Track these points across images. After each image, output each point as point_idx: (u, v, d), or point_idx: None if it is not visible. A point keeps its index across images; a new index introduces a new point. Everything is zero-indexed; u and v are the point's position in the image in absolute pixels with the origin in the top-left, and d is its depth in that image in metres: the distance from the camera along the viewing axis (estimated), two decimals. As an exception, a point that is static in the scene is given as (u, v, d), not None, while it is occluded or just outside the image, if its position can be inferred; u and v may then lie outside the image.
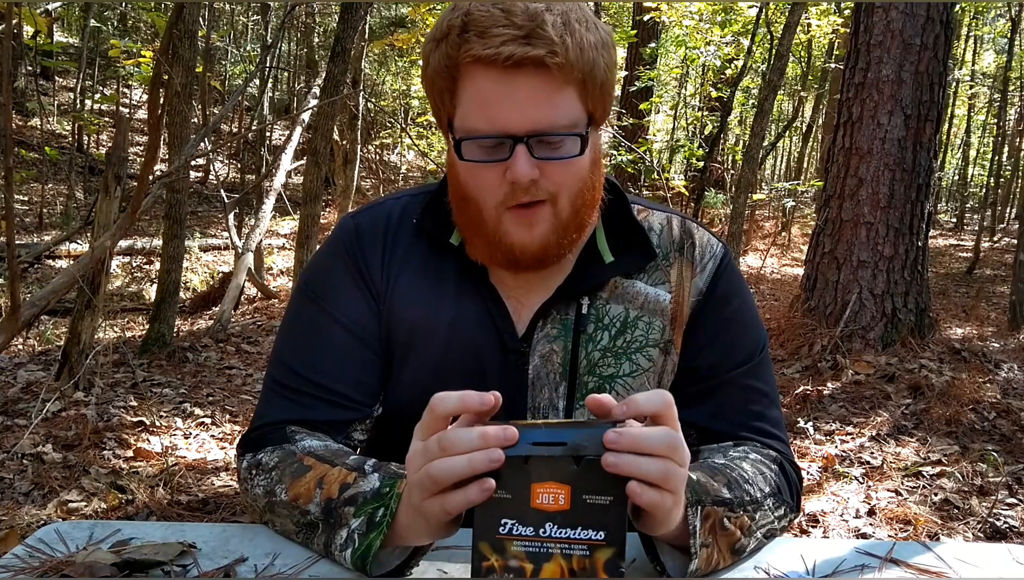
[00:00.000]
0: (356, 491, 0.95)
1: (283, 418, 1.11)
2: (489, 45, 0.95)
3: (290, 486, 1.01)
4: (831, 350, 4.70)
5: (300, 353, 1.14)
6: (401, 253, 1.15)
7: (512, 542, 0.77)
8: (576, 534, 0.77)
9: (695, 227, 1.20)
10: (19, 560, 0.94)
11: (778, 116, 15.81)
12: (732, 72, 8.82)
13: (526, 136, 0.98)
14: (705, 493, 0.94)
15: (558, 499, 0.77)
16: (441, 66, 1.00)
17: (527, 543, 0.77)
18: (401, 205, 1.18)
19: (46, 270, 7.11)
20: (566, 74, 0.97)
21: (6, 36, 2.97)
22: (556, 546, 0.77)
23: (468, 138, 1.00)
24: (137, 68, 7.22)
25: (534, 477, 0.77)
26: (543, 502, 0.77)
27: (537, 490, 0.77)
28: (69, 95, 12.62)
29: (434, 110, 1.08)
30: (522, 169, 0.98)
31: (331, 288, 1.15)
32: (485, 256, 1.08)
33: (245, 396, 4.32)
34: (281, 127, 12.24)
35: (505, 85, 0.97)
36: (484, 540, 0.77)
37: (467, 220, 1.07)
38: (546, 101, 0.98)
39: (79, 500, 2.92)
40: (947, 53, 4.96)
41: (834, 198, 5.05)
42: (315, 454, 1.03)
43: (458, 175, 1.05)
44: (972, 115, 18.78)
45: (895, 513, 3.07)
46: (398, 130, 11.57)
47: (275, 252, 9.11)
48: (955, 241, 13.94)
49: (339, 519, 0.94)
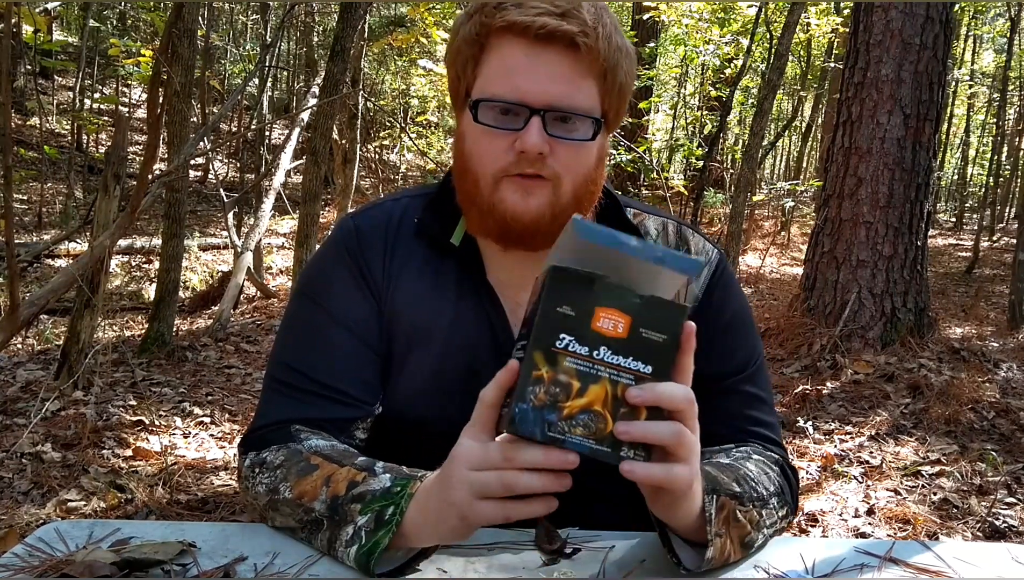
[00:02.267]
0: (365, 489, 0.94)
1: (286, 417, 1.10)
2: (526, 14, 0.98)
3: (295, 484, 1.00)
4: (830, 349, 4.70)
5: (300, 352, 1.13)
6: (402, 254, 1.15)
7: (565, 357, 0.79)
8: (627, 362, 0.80)
9: (690, 233, 1.21)
10: (19, 559, 0.94)
11: (777, 115, 15.81)
12: (731, 71, 8.82)
13: (543, 109, 1.00)
14: (719, 483, 0.95)
15: (617, 327, 0.80)
16: (472, 34, 1.03)
17: (579, 361, 0.79)
18: (402, 206, 1.18)
19: (45, 269, 7.11)
20: (591, 60, 1.00)
21: (5, 35, 2.97)
22: (606, 370, 0.80)
23: (486, 100, 1.02)
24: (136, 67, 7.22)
25: (601, 300, 0.80)
26: (603, 326, 0.80)
27: (600, 313, 0.80)
28: (68, 94, 12.61)
29: (452, 84, 1.09)
30: (533, 140, 0.99)
31: (331, 288, 1.14)
32: (479, 228, 1.09)
33: (244, 395, 4.32)
34: (280, 126, 12.23)
35: (532, 57, 1.00)
36: (539, 350, 0.79)
37: (464, 193, 1.08)
38: (568, 80, 1.00)
39: (78, 499, 2.92)
40: (946, 53, 4.96)
41: (833, 197, 5.05)
42: (322, 453, 1.03)
43: (464, 144, 1.06)
44: (971, 114, 18.78)
45: (894, 512, 3.07)
46: (397, 129, 11.56)
47: (274, 251, 9.10)
48: (954, 241, 13.94)
49: (345, 516, 0.94)
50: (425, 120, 12.06)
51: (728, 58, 8.86)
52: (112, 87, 12.78)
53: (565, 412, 0.78)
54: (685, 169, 12.51)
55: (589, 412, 0.78)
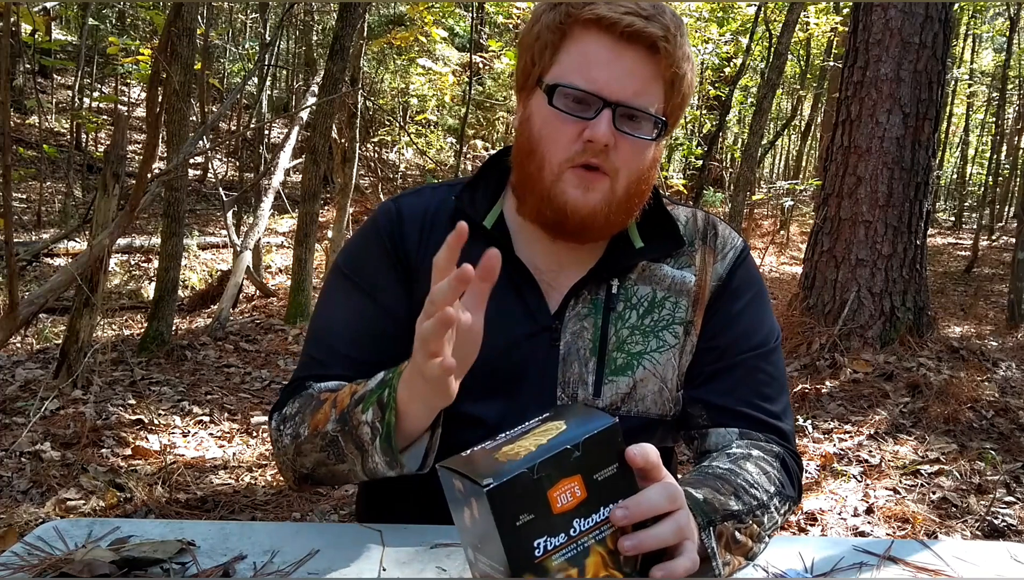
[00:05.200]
0: (363, 391, 1.00)
1: (304, 375, 1.17)
2: (615, 10, 1.03)
3: (311, 420, 1.06)
4: (829, 348, 4.70)
5: (329, 324, 1.20)
6: (437, 239, 1.17)
7: (551, 558, 0.77)
8: (601, 515, 0.79)
9: (718, 221, 1.26)
10: (18, 558, 0.94)
11: (777, 115, 15.81)
12: (731, 71, 8.82)
13: (616, 104, 1.03)
14: (714, 511, 0.95)
15: (575, 493, 0.78)
16: (555, 22, 1.06)
17: (564, 551, 0.77)
18: (440, 194, 1.22)
19: (44, 268, 7.10)
20: (666, 66, 1.05)
21: (4, 34, 2.97)
22: (589, 538, 0.78)
23: (563, 86, 1.05)
24: (135, 66, 7.22)
25: (546, 485, 0.77)
26: (563, 503, 0.77)
27: (553, 495, 0.77)
28: (67, 93, 12.60)
29: (523, 68, 1.12)
30: (602, 130, 1.03)
31: (366, 265, 1.19)
32: (533, 213, 1.12)
33: (244, 394, 4.32)
34: (280, 125, 12.22)
35: (613, 53, 1.04)
36: (525, 571, 0.76)
37: (526, 175, 1.11)
38: (642, 80, 1.05)
39: (78, 498, 2.92)
40: (946, 52, 4.97)
41: (833, 197, 5.05)
42: (329, 389, 1.10)
43: (532, 127, 1.09)
44: (971, 114, 18.78)
45: (893, 511, 3.07)
46: (397, 128, 11.56)
47: (273, 250, 9.10)
48: (953, 240, 13.94)
49: (352, 421, 1.00)
50: (424, 119, 12.05)
51: (727, 57, 8.87)
52: (111, 86, 12.78)
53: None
54: (684, 168, 12.51)
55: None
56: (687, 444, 1.23)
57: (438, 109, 12.00)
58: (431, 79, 10.45)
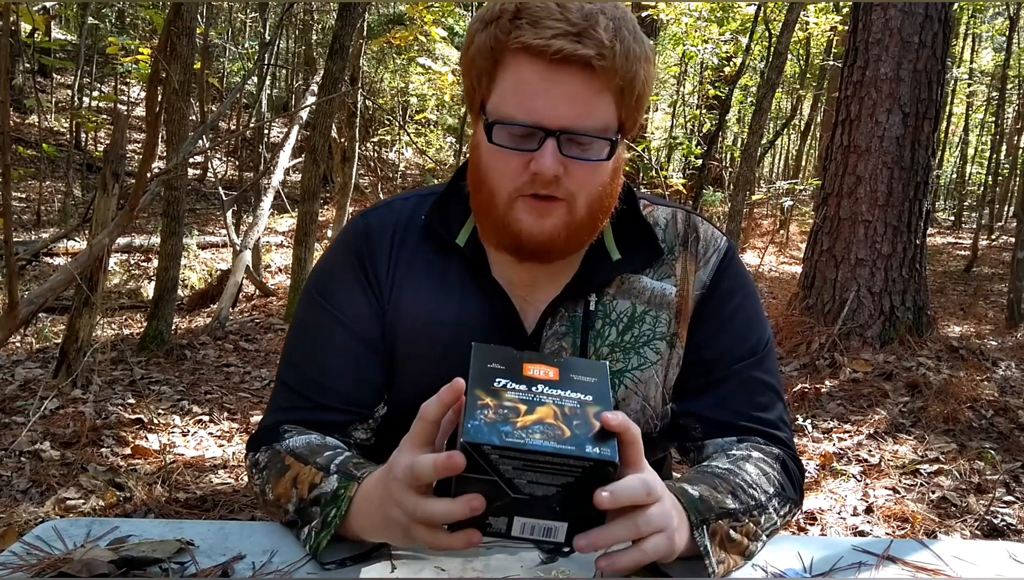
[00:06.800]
0: (320, 492, 0.98)
1: (281, 419, 1.14)
2: (540, 36, 0.95)
3: (274, 486, 1.05)
4: (829, 348, 4.70)
5: (302, 352, 1.16)
6: (408, 254, 1.15)
7: (506, 391, 0.82)
8: (567, 394, 0.82)
9: (699, 221, 1.21)
10: (17, 558, 0.94)
11: (776, 114, 15.80)
12: (730, 70, 8.82)
13: (558, 132, 0.98)
14: (709, 509, 0.95)
15: (548, 374, 0.84)
16: (486, 48, 1.00)
17: (520, 393, 0.82)
18: (411, 206, 1.18)
19: (44, 268, 7.10)
20: (608, 79, 0.98)
21: (4, 34, 2.96)
22: (548, 398, 0.82)
23: (501, 123, 1.00)
24: (135, 65, 7.20)
25: (526, 358, 0.85)
26: (534, 374, 0.84)
27: (528, 366, 0.85)
28: (67, 92, 12.60)
29: (467, 90, 1.08)
30: (547, 163, 0.98)
31: (336, 288, 1.16)
32: (493, 240, 1.09)
33: (243, 394, 4.32)
34: (279, 124, 12.22)
35: (547, 78, 0.97)
36: (479, 388, 0.81)
37: (479, 202, 1.08)
38: (584, 101, 0.98)
39: (77, 498, 2.92)
40: (945, 51, 4.96)
41: (832, 196, 5.05)
42: (294, 453, 1.06)
43: (480, 157, 1.05)
44: (970, 113, 18.76)
45: (893, 511, 3.07)
46: (396, 128, 11.56)
47: (273, 249, 9.10)
48: (953, 239, 13.93)
49: (307, 518, 0.99)
50: (424, 118, 12.06)
51: (727, 56, 8.86)
52: (111, 85, 12.78)
53: (519, 424, 0.78)
54: (684, 168, 12.51)
55: (542, 423, 0.78)
56: (682, 455, 1.20)
57: (438, 108, 12.00)
58: (431, 78, 10.44)
